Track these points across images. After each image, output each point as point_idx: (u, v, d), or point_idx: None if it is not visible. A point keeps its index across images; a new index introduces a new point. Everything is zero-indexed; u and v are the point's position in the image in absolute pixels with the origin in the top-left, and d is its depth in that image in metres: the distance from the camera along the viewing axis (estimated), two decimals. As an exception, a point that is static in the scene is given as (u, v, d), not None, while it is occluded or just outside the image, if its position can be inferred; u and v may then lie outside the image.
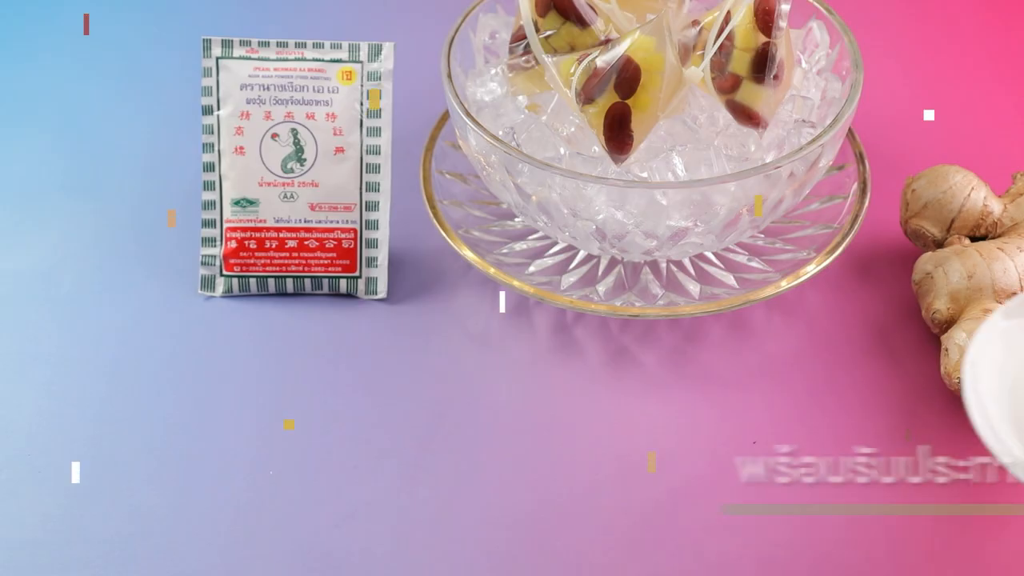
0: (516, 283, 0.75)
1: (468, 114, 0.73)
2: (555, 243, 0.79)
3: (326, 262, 0.77)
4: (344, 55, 0.77)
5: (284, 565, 0.64)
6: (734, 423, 0.71)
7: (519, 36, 0.74)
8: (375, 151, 0.77)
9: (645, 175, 0.72)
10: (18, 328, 0.77)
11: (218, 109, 0.77)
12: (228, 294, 0.78)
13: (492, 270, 0.75)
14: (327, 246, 0.77)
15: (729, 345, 0.75)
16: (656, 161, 0.72)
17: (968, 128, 0.90)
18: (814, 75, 0.78)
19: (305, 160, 0.77)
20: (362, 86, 0.77)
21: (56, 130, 0.91)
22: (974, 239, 0.75)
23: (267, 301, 0.78)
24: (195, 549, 0.65)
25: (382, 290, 0.78)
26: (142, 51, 0.98)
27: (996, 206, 0.75)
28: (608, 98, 0.69)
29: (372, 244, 0.78)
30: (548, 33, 0.73)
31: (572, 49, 0.73)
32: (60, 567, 0.64)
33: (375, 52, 0.78)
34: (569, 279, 0.77)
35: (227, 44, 0.77)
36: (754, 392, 0.73)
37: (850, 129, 0.81)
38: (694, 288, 0.76)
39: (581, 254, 0.78)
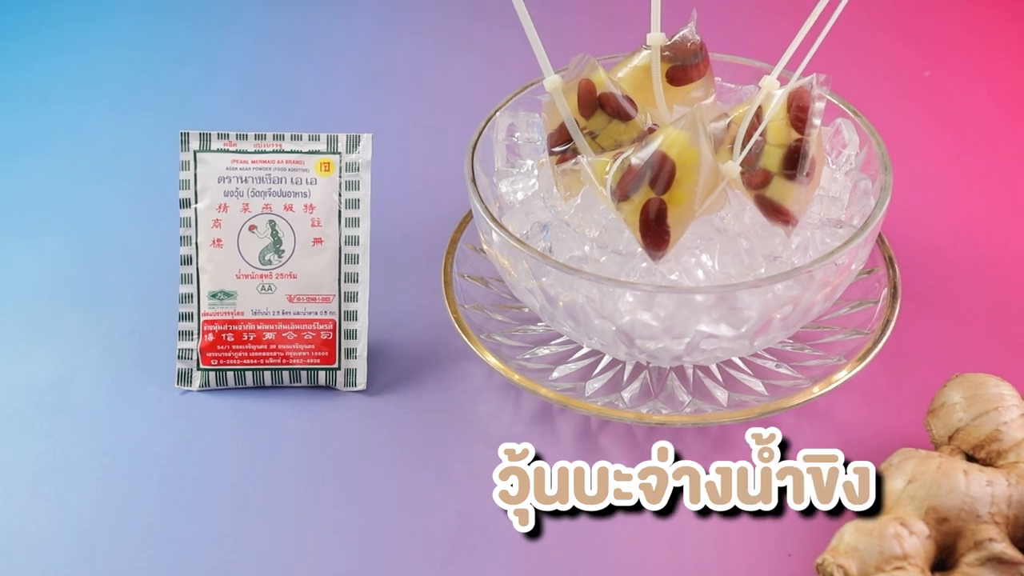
0: (542, 390, 0.72)
1: (494, 219, 0.71)
2: (579, 348, 0.77)
3: (304, 354, 0.76)
4: (322, 147, 0.77)
5: None
6: (768, 534, 0.68)
7: (560, 139, 0.72)
8: (354, 242, 0.77)
9: (675, 277, 0.70)
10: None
11: (196, 202, 0.77)
12: (205, 388, 0.77)
13: (516, 376, 0.73)
14: (305, 337, 0.76)
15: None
16: (685, 261, 0.70)
17: (995, 235, 0.88)
18: (842, 175, 0.76)
19: (283, 252, 0.76)
20: (340, 177, 0.77)
21: (47, 233, 0.90)
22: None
23: (245, 394, 0.76)
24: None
25: (361, 381, 0.76)
26: (131, 145, 0.99)
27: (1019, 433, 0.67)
28: (644, 194, 0.67)
29: (351, 335, 0.77)
30: (593, 133, 0.71)
31: (618, 146, 0.71)
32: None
33: (353, 143, 0.77)
34: (594, 385, 0.75)
35: (205, 137, 0.77)
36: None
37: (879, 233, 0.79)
38: (722, 395, 0.74)
39: (606, 359, 0.76)
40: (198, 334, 0.76)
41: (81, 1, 1.19)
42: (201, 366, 0.76)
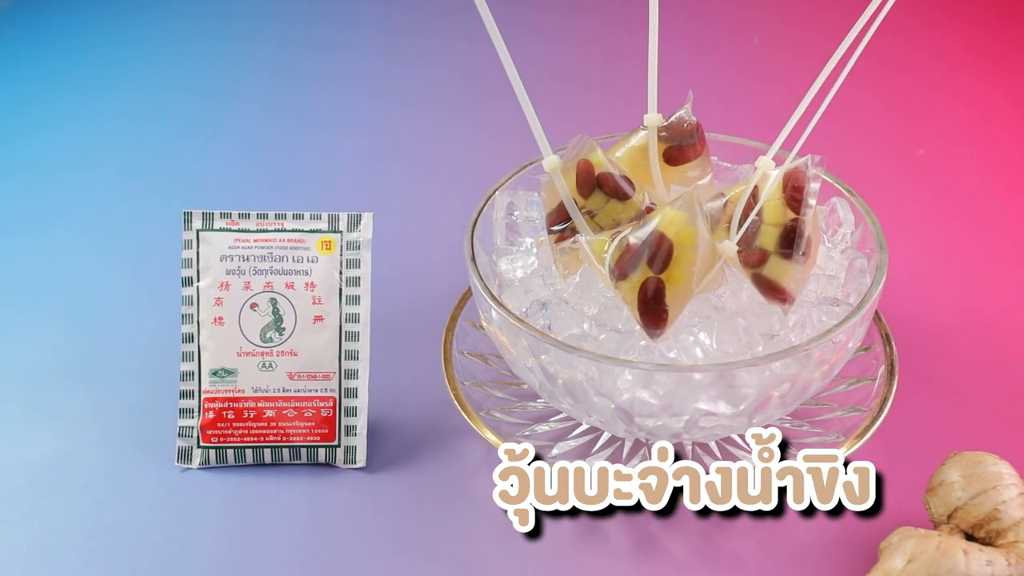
0: None
1: (493, 297, 0.71)
2: (578, 425, 0.77)
3: (304, 431, 0.76)
4: (324, 225, 0.78)
5: None
6: (769, 534, 0.68)
7: (559, 218, 0.73)
8: (354, 319, 0.77)
9: (673, 355, 0.70)
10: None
11: (198, 280, 0.77)
12: (205, 465, 0.76)
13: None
14: (305, 415, 0.76)
15: (759, 533, 0.71)
16: (683, 339, 0.70)
17: (991, 311, 0.88)
18: (838, 253, 0.76)
19: (284, 329, 0.77)
20: (341, 255, 0.78)
21: (47, 309, 0.90)
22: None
23: (245, 472, 0.75)
24: None
25: (361, 459, 0.76)
26: (134, 221, 1.00)
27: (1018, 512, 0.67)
28: (642, 273, 0.67)
29: (351, 412, 0.77)
30: (592, 212, 0.72)
31: (617, 225, 0.71)
32: None
33: (354, 222, 0.78)
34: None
35: (207, 216, 0.78)
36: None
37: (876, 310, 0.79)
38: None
39: (605, 436, 0.76)
40: (199, 411, 0.76)
41: (85, 74, 1.21)
42: (201, 444, 0.76)
